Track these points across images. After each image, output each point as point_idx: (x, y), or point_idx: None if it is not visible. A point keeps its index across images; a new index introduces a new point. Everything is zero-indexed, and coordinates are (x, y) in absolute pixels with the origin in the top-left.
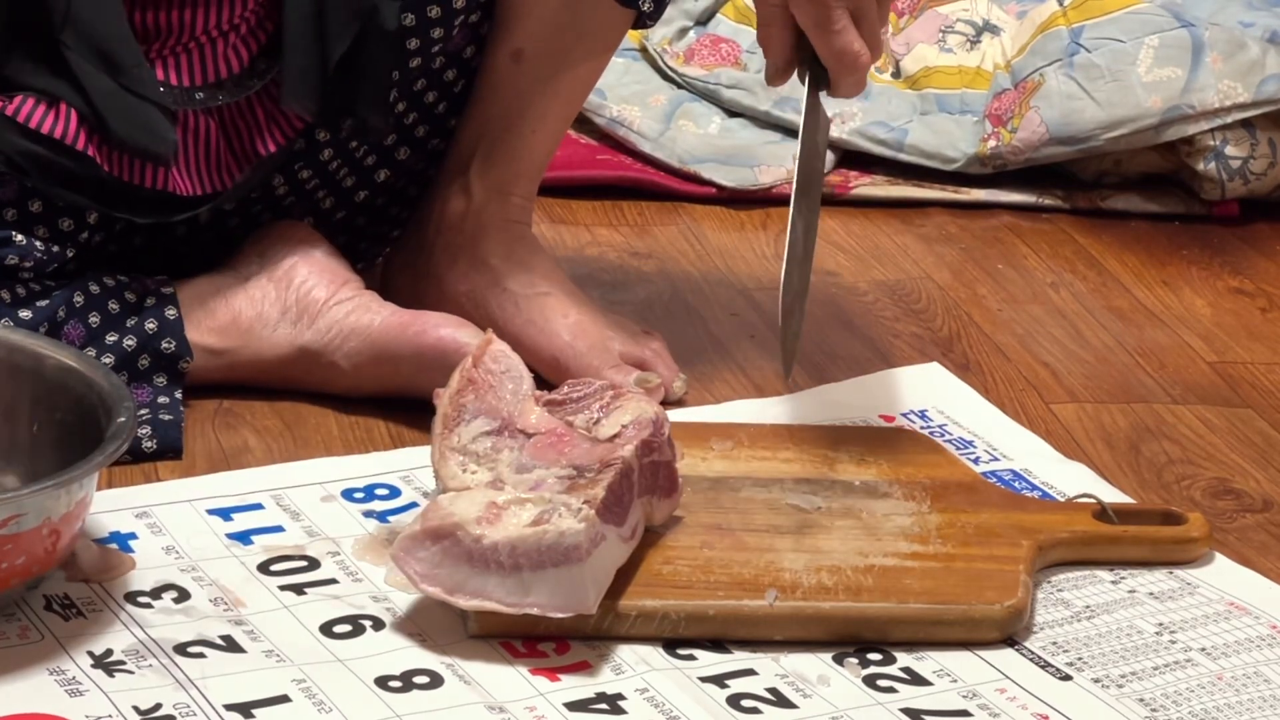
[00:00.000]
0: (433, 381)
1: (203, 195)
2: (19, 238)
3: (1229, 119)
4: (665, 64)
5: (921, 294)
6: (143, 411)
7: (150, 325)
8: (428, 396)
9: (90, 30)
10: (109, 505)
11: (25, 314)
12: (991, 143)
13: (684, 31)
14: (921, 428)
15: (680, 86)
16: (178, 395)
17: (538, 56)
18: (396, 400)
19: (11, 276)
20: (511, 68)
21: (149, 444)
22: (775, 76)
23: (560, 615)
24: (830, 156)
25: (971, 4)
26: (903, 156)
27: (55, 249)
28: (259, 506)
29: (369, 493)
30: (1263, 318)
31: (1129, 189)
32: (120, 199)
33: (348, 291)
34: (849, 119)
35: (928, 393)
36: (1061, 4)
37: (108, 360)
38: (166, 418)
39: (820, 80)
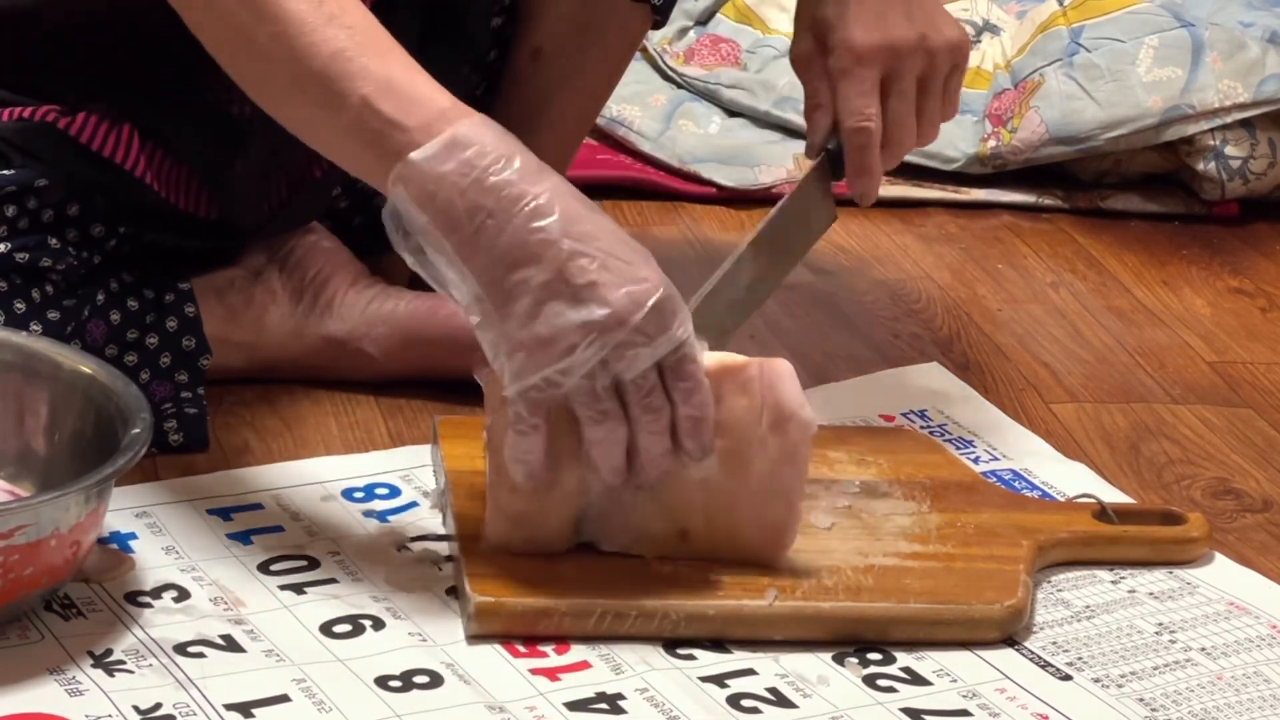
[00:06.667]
0: (465, 361)
1: (259, 221)
2: (53, 241)
3: (1229, 119)
4: (665, 64)
5: (921, 294)
6: (167, 406)
7: (171, 323)
8: (460, 376)
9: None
10: (109, 505)
11: (53, 314)
12: (991, 143)
13: (684, 31)
14: (921, 428)
15: (680, 86)
16: (200, 391)
17: (555, 54)
18: (396, 400)
19: (41, 278)
20: (531, 66)
21: (175, 437)
22: (811, 150)
23: None
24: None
25: (971, 4)
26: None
27: (85, 254)
28: (259, 506)
29: (369, 492)
30: (1263, 318)
31: (1129, 189)
32: (168, 221)
33: (363, 280)
34: None
35: (928, 393)
36: (1061, 4)
37: (131, 358)
38: (191, 411)
39: (836, 166)
